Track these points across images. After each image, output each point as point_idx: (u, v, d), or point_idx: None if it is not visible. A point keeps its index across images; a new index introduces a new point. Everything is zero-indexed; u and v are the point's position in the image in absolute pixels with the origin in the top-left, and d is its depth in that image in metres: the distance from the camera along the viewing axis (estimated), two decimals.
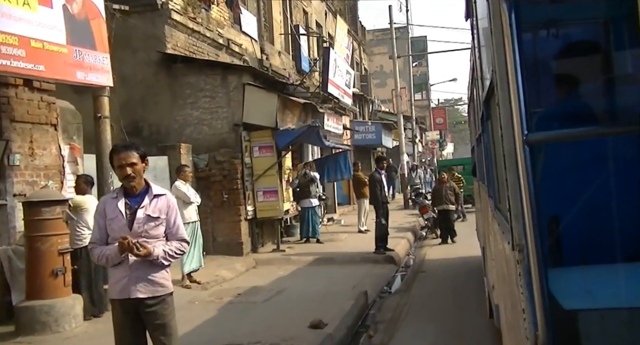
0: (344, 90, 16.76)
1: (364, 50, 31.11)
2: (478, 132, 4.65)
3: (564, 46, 3.57)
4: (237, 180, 10.96)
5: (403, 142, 21.99)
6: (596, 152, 2.72)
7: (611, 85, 3.47)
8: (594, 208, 2.62)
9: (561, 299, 2.05)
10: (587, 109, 3.15)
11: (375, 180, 11.50)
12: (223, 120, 10.99)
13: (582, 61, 3.52)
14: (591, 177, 2.68)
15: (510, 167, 2.04)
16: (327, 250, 11.69)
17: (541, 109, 3.25)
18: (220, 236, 10.88)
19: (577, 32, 3.81)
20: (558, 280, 2.08)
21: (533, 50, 3.46)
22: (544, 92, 3.51)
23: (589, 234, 2.79)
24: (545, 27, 3.52)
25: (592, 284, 2.36)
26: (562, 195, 2.75)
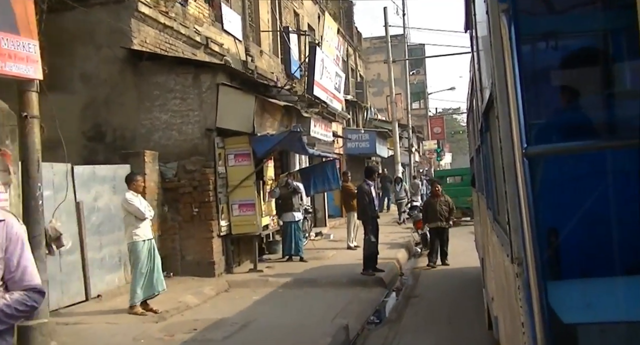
0: (333, 93, 15.49)
1: (360, 56, 31.23)
2: (477, 143, 4.67)
3: (564, 58, 3.56)
4: (209, 192, 10.27)
5: (398, 151, 20.94)
6: (595, 164, 2.71)
7: (610, 98, 3.40)
8: (593, 221, 2.57)
9: (561, 313, 2.04)
10: (586, 121, 3.13)
11: (363, 192, 10.60)
12: (194, 124, 10.40)
13: (581, 73, 3.51)
14: (590, 189, 2.64)
15: (510, 180, 2.05)
16: (311, 270, 11.07)
17: (540, 121, 3.17)
18: (190, 254, 10.20)
19: (576, 44, 3.76)
20: (557, 293, 2.09)
21: (533, 63, 3.40)
22: (543, 104, 3.48)
23: (589, 247, 2.77)
24: (545, 39, 3.48)
25: (592, 297, 2.33)
26: (561, 207, 2.70)
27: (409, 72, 40.02)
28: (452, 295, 8.70)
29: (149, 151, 9.42)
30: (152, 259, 7.47)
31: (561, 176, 2.91)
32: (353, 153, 22.21)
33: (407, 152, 28.41)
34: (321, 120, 14.91)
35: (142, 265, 7.25)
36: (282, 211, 12.08)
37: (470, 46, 3.87)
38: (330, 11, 19.89)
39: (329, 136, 16.19)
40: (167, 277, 9.85)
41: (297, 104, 12.91)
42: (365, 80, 30.88)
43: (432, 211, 11.52)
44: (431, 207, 11.60)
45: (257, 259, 10.73)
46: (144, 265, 7.27)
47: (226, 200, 10.42)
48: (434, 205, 11.57)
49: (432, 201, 11.73)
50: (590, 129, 3.07)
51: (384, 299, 9.04)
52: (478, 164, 5.24)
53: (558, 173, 2.88)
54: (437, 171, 28.77)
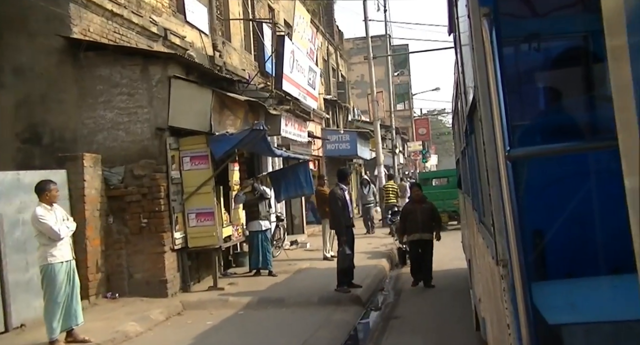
0: (307, 90, 13.85)
1: (342, 55, 31.57)
2: (462, 145, 4.74)
3: (545, 60, 3.65)
4: (160, 200, 9.34)
5: (380, 151, 19.88)
6: (578, 166, 2.82)
7: (592, 99, 3.49)
8: (577, 222, 2.72)
9: (546, 314, 2.15)
10: (568, 122, 3.21)
11: (335, 197, 9.62)
12: (144, 123, 9.51)
13: (563, 75, 3.59)
14: (574, 191, 2.77)
15: (493, 182, 2.16)
16: (279, 286, 10.26)
17: (523, 123, 3.29)
18: (139, 272, 9.25)
19: (557, 47, 3.87)
20: (542, 294, 2.20)
21: (515, 65, 3.51)
22: (526, 106, 3.56)
23: (573, 248, 2.88)
24: (526, 42, 3.57)
25: (577, 297, 2.44)
26: (545, 209, 2.83)
27: (393, 73, 38.70)
28: (438, 315, 8.16)
29: (89, 154, 8.82)
30: (70, 284, 6.63)
31: (545, 178, 2.97)
32: (333, 155, 21.23)
33: (390, 154, 26.97)
34: (294, 119, 13.62)
35: (59, 292, 6.49)
36: (248, 220, 11.35)
37: (454, 49, 4.03)
38: (308, 7, 18.43)
39: (304, 136, 14.94)
40: (112, 299, 9.08)
41: (266, 100, 11.42)
42: (348, 80, 31.03)
43: (413, 220, 9.96)
44: (411, 216, 10.04)
45: (217, 276, 10.02)
46: (61, 292, 6.54)
47: (181, 209, 9.72)
48: (414, 213, 10.02)
49: (412, 208, 10.20)
50: (573, 130, 3.14)
51: (359, 321, 8.37)
52: (464, 166, 5.37)
53: (542, 175, 2.94)
54: (421, 173, 27.85)
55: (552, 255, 2.88)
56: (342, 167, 12.36)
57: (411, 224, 9.92)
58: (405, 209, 10.54)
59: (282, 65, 12.68)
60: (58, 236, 6.36)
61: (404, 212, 10.50)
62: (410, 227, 9.93)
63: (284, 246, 13.93)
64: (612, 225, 2.65)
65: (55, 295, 6.23)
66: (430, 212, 10.00)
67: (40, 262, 6.43)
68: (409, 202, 10.68)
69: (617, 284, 2.45)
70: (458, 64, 3.83)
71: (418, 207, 10.01)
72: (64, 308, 6.41)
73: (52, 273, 6.24)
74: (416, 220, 9.81)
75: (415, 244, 10.01)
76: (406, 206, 10.69)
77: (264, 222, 11.23)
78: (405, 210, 10.41)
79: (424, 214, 9.90)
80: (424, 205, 10.06)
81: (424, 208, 10.00)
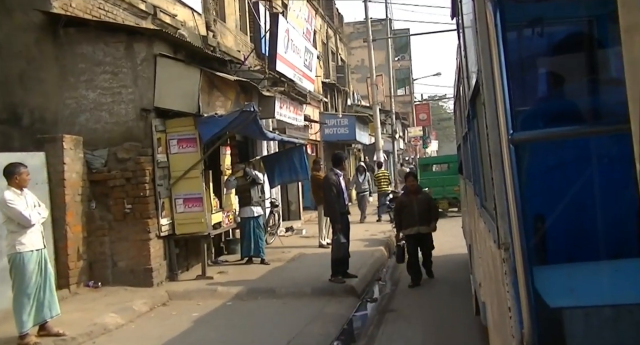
0: (303, 71, 13.22)
1: (341, 39, 31.51)
2: (464, 130, 4.83)
3: (549, 45, 3.63)
4: (145, 185, 8.99)
5: (379, 136, 19.36)
6: (581, 151, 2.84)
7: (596, 84, 3.50)
8: (579, 206, 2.74)
9: (546, 297, 2.19)
10: (572, 107, 3.21)
11: (330, 183, 9.14)
12: (128, 104, 9.11)
13: (567, 60, 3.58)
14: (576, 175, 2.78)
15: (496, 166, 2.18)
16: (271, 275, 9.91)
17: (526, 108, 3.28)
18: (123, 260, 8.95)
19: (562, 31, 3.83)
20: (543, 278, 2.24)
21: (518, 50, 3.54)
22: (529, 90, 3.57)
23: (574, 232, 2.90)
24: (530, 26, 3.52)
25: (577, 281, 2.48)
26: (547, 193, 2.83)
27: (394, 58, 38.05)
28: (437, 307, 7.84)
29: (70, 136, 8.51)
30: (42, 274, 6.28)
31: (547, 162, 2.98)
32: (331, 139, 20.79)
33: (390, 139, 26.41)
34: (289, 101, 13.07)
35: (29, 283, 6.15)
36: (240, 206, 11.01)
37: (456, 33, 3.94)
38: None
39: (300, 120, 14.34)
40: (94, 287, 8.80)
41: (260, 82, 10.85)
42: (348, 64, 30.49)
43: (409, 213, 9.25)
44: (407, 208, 9.30)
45: (205, 264, 9.69)
46: (31, 283, 6.21)
47: (168, 194, 9.40)
48: (410, 205, 9.29)
49: (407, 200, 9.43)
50: (576, 115, 3.13)
51: (354, 314, 8.02)
52: (465, 151, 5.43)
53: (544, 159, 2.95)
54: (421, 159, 27.28)
55: (553, 239, 2.89)
56: (337, 151, 11.71)
57: (407, 217, 9.23)
58: (400, 201, 9.73)
59: (276, 45, 12.22)
60: (28, 222, 6.06)
61: (398, 205, 9.69)
62: (407, 221, 9.24)
63: (279, 233, 13.51)
64: (613, 211, 2.69)
65: (25, 287, 5.94)
66: (427, 204, 9.36)
67: (8, 250, 6.17)
68: (404, 194, 9.88)
69: (617, 269, 2.49)
70: (461, 48, 3.81)
71: (414, 198, 9.31)
72: (35, 300, 6.13)
73: (21, 262, 5.91)
74: (412, 212, 9.14)
75: (412, 239, 9.26)
76: (401, 198, 9.88)
77: (257, 208, 10.97)
78: (400, 203, 9.61)
79: (421, 205, 9.21)
80: (419, 196, 9.43)
81: (420, 199, 9.33)
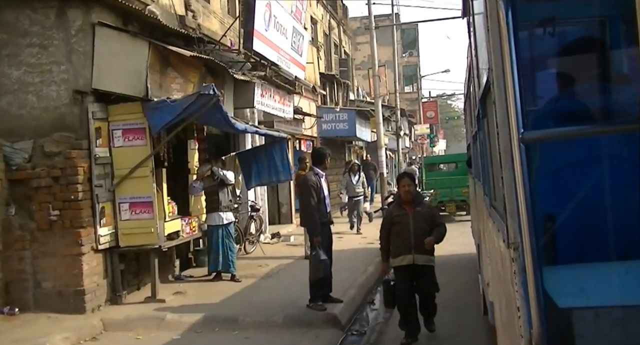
0: (290, 55, 11.21)
1: (345, 31, 30.31)
2: (474, 129, 5.07)
3: (561, 45, 3.72)
4: (77, 186, 7.64)
5: (382, 132, 18.04)
6: (591, 150, 2.96)
7: (607, 84, 3.61)
8: (589, 206, 2.85)
9: (556, 297, 2.26)
10: (582, 107, 3.31)
11: (308, 186, 7.57)
12: (60, 85, 7.70)
13: (578, 60, 3.60)
14: (586, 175, 2.90)
15: (506, 166, 2.28)
16: (239, 297, 8.41)
17: (537, 107, 3.46)
18: (48, 280, 7.67)
19: (573, 31, 3.92)
20: (553, 278, 2.32)
21: (530, 49, 3.62)
22: (540, 90, 3.64)
23: (584, 233, 3.03)
24: (542, 26, 3.58)
25: (587, 282, 2.55)
26: (557, 193, 2.94)
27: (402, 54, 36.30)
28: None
29: None
30: None
31: (557, 162, 3.11)
32: (329, 136, 19.78)
33: (395, 136, 24.46)
34: (273, 89, 11.17)
35: None
36: (206, 211, 9.80)
37: (467, 32, 4.10)
38: None
39: (288, 112, 12.48)
40: (9, 314, 7.29)
41: (240, 65, 8.81)
42: (352, 58, 33.35)
43: (401, 234, 6.60)
44: (398, 227, 6.67)
45: (156, 283, 8.44)
46: None
47: (110, 197, 8.25)
48: (402, 221, 6.64)
49: (399, 214, 6.72)
50: (587, 114, 3.25)
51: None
52: (475, 150, 5.52)
53: (554, 158, 3.09)
54: (426, 157, 25.50)
55: (562, 239, 3.01)
56: (319, 146, 9.80)
57: (398, 240, 6.68)
58: (389, 215, 7.05)
59: (253, 19, 10.32)
60: None
61: (386, 220, 7.06)
62: (397, 245, 6.70)
63: (263, 240, 11.74)
64: (623, 211, 2.82)
65: None
66: (428, 221, 6.66)
67: None
68: (395, 204, 7.22)
69: (627, 270, 2.60)
70: (471, 47, 3.99)
71: (409, 211, 6.66)
72: None
73: None
74: (405, 233, 6.57)
75: (404, 273, 6.70)
76: (391, 211, 7.14)
77: (226, 214, 10.05)
78: (389, 218, 6.96)
79: (419, 222, 6.59)
80: (418, 209, 6.71)
81: (418, 214, 6.63)
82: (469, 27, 4.03)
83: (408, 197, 6.58)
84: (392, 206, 7.43)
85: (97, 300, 7.93)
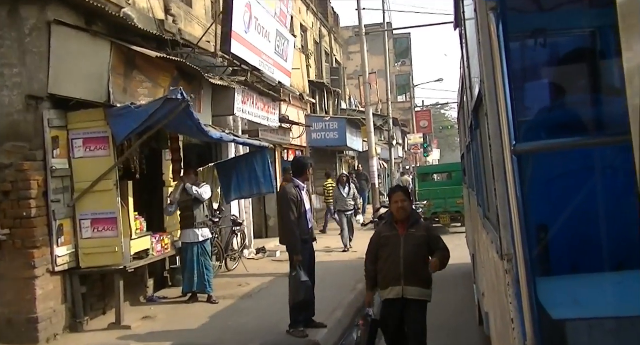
0: (274, 60, 10.46)
1: (337, 39, 30.24)
2: (467, 140, 5.12)
3: (552, 56, 3.78)
4: (31, 201, 7.04)
5: (373, 141, 17.38)
6: (584, 161, 3.02)
7: (599, 95, 3.71)
8: (582, 217, 2.91)
9: (550, 309, 2.27)
10: (574, 118, 3.40)
11: (288, 199, 6.87)
12: (13, 89, 7.12)
13: (569, 71, 3.73)
14: (579, 186, 2.94)
15: (499, 177, 2.32)
16: (213, 322, 7.67)
17: (529, 119, 3.51)
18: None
19: (564, 42, 3.95)
20: (547, 289, 2.36)
21: (521, 60, 3.63)
22: (532, 101, 3.63)
23: (577, 243, 3.09)
24: (533, 37, 3.59)
25: (581, 293, 2.61)
26: (550, 204, 2.99)
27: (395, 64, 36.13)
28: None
29: None
30: None
31: (550, 173, 3.16)
32: (319, 145, 18.89)
33: (387, 146, 23.81)
34: (256, 96, 10.44)
35: None
36: (180, 228, 9.07)
37: (460, 44, 4.18)
38: None
39: (273, 120, 11.68)
40: None
41: (214, 70, 8.18)
42: (344, 67, 29.86)
43: (389, 260, 5.56)
44: (386, 250, 5.65)
45: (121, 308, 7.76)
46: None
47: (69, 213, 7.70)
48: (392, 244, 5.59)
49: (389, 235, 5.67)
50: (579, 126, 3.37)
51: None
52: (469, 161, 5.63)
53: (547, 170, 3.12)
54: (419, 167, 24.78)
55: (556, 250, 3.08)
56: (300, 156, 9.04)
57: (386, 267, 5.64)
58: (377, 235, 5.91)
59: (231, 20, 9.60)
60: None
61: (373, 241, 5.87)
62: (385, 273, 5.65)
63: (247, 255, 11.00)
64: (616, 222, 2.87)
65: None
66: (424, 246, 5.50)
67: None
68: (386, 223, 5.93)
69: (620, 280, 2.66)
70: (464, 59, 4.06)
71: (401, 232, 5.61)
72: None
73: None
74: (394, 258, 5.53)
75: (392, 308, 5.61)
76: (380, 230, 6.00)
77: (202, 230, 9.35)
78: (377, 238, 5.88)
79: (412, 246, 5.50)
80: (412, 231, 5.59)
81: (411, 236, 5.51)
82: (461, 38, 4.15)
83: (401, 215, 5.45)
84: (382, 225, 6.19)
85: (53, 329, 7.35)
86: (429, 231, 5.67)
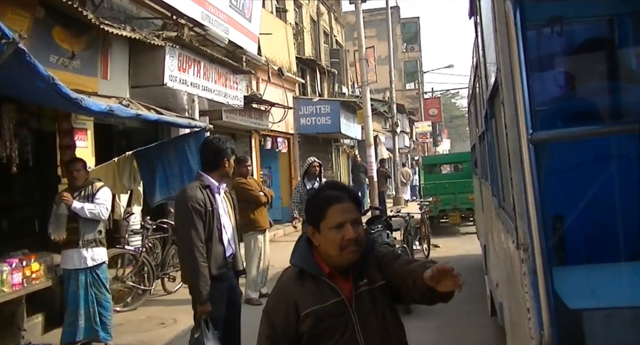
0: (229, 16, 8.46)
1: (337, 19, 27.10)
2: (481, 129, 5.01)
3: (569, 44, 3.80)
4: None
5: (370, 127, 15.15)
6: (600, 150, 3.07)
7: (616, 84, 3.72)
8: (598, 207, 2.96)
9: (566, 299, 2.35)
10: (591, 106, 3.42)
11: (187, 208, 4.22)
12: None
13: (586, 59, 3.69)
14: (595, 176, 2.99)
15: (515, 166, 2.34)
16: None
17: (546, 107, 3.52)
18: None
19: (581, 30, 3.99)
20: (562, 279, 2.42)
21: (538, 48, 3.69)
22: (548, 90, 3.69)
23: (593, 233, 3.14)
24: (550, 25, 3.64)
25: (597, 283, 2.67)
26: (566, 194, 3.01)
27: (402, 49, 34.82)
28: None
29: None
30: None
31: (566, 162, 3.21)
32: (308, 132, 16.45)
33: (390, 134, 21.87)
34: (207, 64, 8.39)
35: None
36: (60, 248, 6.60)
37: (474, 32, 4.15)
38: None
39: (235, 97, 9.80)
40: None
41: (132, 22, 6.40)
42: (345, 49, 30.26)
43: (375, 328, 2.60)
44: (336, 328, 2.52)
45: None
46: None
47: None
48: (335, 325, 2.42)
49: (327, 309, 2.43)
50: (596, 114, 3.40)
51: None
52: (482, 150, 5.55)
53: (563, 159, 3.18)
54: (425, 157, 22.79)
55: (571, 240, 3.13)
56: (214, 137, 4.42)
57: None
58: (294, 311, 2.52)
59: None
60: None
61: (312, 321, 2.53)
62: None
63: None
64: (632, 212, 2.90)
65: None
66: (388, 306, 2.53)
67: None
68: (309, 278, 2.49)
69: (636, 270, 2.71)
70: (478, 47, 4.10)
71: (347, 295, 2.42)
72: None
73: None
74: None
75: None
76: (295, 301, 2.48)
77: (93, 251, 6.43)
78: (316, 318, 2.47)
79: (374, 325, 2.46)
80: (364, 289, 2.45)
81: (366, 300, 2.43)
82: (475, 26, 4.17)
83: (351, 258, 2.42)
84: (299, 284, 2.49)
85: None
86: (382, 263, 2.51)
